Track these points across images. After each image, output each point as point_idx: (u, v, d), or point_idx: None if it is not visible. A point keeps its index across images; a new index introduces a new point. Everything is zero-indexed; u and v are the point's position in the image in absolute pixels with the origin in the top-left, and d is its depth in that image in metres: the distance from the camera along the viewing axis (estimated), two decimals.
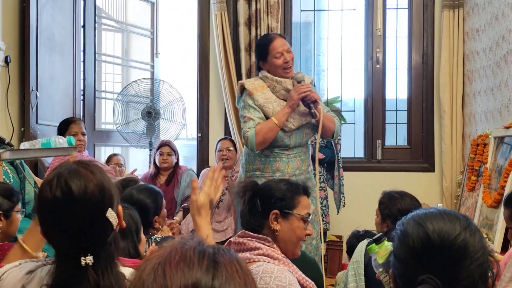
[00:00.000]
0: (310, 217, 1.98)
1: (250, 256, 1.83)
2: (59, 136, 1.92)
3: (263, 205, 1.95)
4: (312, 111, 2.94)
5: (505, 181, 3.25)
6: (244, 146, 3.12)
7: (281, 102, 2.99)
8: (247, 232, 1.93)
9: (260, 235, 1.90)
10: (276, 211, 1.92)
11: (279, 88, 3.01)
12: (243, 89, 3.08)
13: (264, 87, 3.03)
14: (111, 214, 1.31)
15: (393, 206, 2.61)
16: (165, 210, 2.67)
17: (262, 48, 3.02)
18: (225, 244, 1.96)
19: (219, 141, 4.47)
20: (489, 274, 1.11)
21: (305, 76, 3.10)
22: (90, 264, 1.27)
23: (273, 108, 2.96)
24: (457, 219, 1.14)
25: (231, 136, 4.67)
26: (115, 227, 1.33)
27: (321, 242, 3.05)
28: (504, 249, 3.12)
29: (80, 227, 1.28)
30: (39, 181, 3.25)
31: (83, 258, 1.27)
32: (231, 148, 4.43)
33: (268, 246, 1.87)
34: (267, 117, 2.97)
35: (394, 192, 2.70)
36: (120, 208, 1.37)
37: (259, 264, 1.78)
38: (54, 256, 1.33)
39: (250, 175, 3.09)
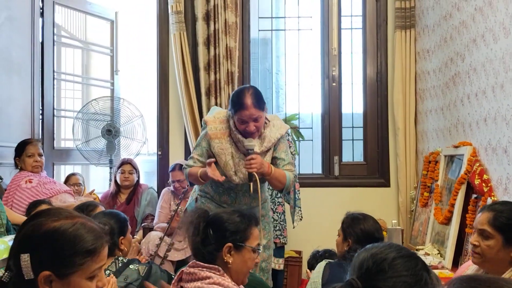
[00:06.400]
0: (260, 247, 2.07)
1: (202, 286, 1.88)
2: None
3: (216, 238, 2.00)
4: (251, 182, 2.90)
5: (455, 199, 3.41)
6: None
7: (236, 155, 2.97)
8: (198, 262, 1.98)
9: (211, 265, 1.95)
10: (229, 244, 1.99)
11: (240, 145, 2.96)
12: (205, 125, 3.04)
13: (225, 135, 2.98)
14: (23, 260, 1.35)
15: (356, 226, 2.71)
16: (130, 236, 2.69)
17: (232, 106, 2.91)
18: (177, 275, 2.02)
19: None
20: None
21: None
22: (5, 280, 1.38)
23: (225, 160, 2.95)
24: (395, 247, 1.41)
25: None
26: (25, 276, 1.34)
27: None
28: (455, 265, 3.27)
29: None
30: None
31: (4, 271, 1.39)
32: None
33: (219, 275, 1.93)
34: (217, 162, 2.95)
35: (357, 213, 2.80)
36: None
37: None
38: None
39: (201, 194, 3.16)
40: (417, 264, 1.36)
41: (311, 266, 3.31)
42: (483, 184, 3.16)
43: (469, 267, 2.32)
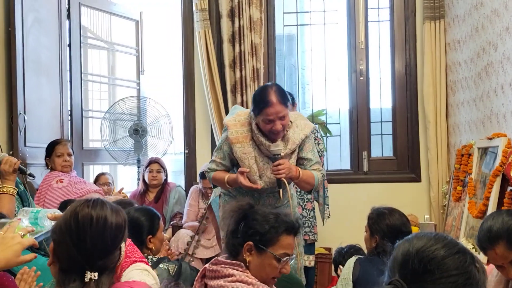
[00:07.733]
0: (287, 258, 1.96)
1: (224, 284, 1.86)
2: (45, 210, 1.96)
3: (243, 232, 1.97)
4: (278, 190, 2.82)
5: (490, 192, 3.31)
6: None
7: (259, 158, 2.84)
8: (220, 259, 1.96)
9: (233, 261, 1.93)
10: (250, 243, 1.94)
11: (263, 148, 2.83)
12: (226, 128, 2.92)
13: (247, 138, 2.84)
14: (124, 247, 1.50)
15: (382, 221, 2.65)
16: (162, 234, 2.66)
17: (256, 105, 2.75)
18: (200, 271, 2.00)
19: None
20: None
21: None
22: (93, 280, 1.40)
23: (248, 164, 2.82)
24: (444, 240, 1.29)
25: None
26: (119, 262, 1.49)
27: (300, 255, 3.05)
28: None
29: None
30: None
31: (89, 272, 1.40)
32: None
33: (241, 271, 1.90)
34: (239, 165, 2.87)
35: (383, 208, 2.74)
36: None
37: None
38: (58, 275, 1.43)
39: (224, 192, 3.06)
40: (466, 260, 1.25)
41: (338, 263, 3.25)
42: None
43: (492, 270, 2.25)
